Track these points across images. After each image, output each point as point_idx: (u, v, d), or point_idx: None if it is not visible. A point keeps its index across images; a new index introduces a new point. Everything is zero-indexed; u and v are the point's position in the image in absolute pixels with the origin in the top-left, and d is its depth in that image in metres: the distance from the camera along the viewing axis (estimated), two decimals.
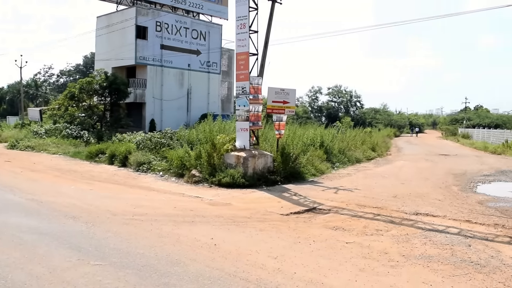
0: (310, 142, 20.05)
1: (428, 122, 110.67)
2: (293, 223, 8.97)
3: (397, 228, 8.60)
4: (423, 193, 13.11)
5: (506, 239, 7.98)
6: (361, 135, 30.85)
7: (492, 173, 18.86)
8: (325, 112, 75.35)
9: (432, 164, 23.01)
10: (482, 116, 78.90)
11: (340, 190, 13.46)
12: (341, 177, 16.67)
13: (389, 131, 62.14)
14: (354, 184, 14.84)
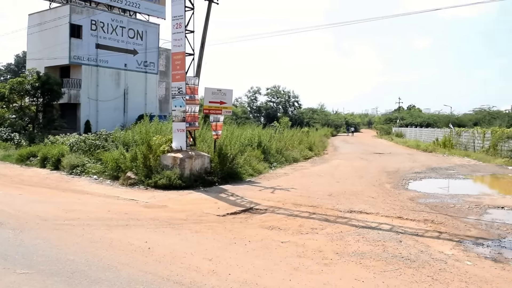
0: (248, 143, 20.13)
1: (364, 121, 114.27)
2: (229, 224, 8.94)
3: (332, 226, 8.76)
4: (357, 191, 13.47)
5: (435, 234, 8.33)
6: (298, 135, 31.31)
7: (423, 171, 19.70)
8: (264, 112, 75.90)
9: (367, 162, 23.71)
10: (415, 116, 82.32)
11: (277, 189, 13.57)
12: (278, 177, 16.83)
13: (326, 131, 63.57)
14: (291, 183, 15.03)
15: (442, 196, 12.85)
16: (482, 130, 30.14)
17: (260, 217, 9.73)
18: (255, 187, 14.08)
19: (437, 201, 12.01)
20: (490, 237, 8.21)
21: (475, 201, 11.96)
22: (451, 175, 18.60)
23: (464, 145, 32.06)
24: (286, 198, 11.95)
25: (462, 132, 33.72)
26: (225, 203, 11.23)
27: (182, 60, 14.72)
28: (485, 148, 27.72)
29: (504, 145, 25.28)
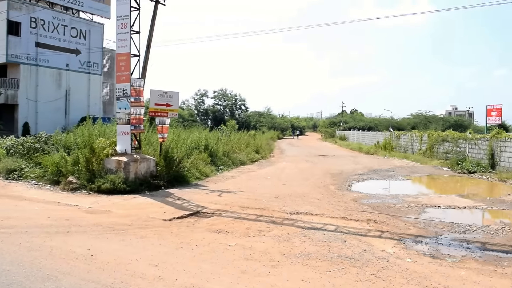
0: (195, 146, 19.96)
1: (309, 125, 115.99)
2: (176, 228, 8.81)
3: (279, 228, 8.81)
4: (303, 193, 13.64)
5: (377, 233, 8.56)
6: (245, 138, 31.41)
7: (365, 172, 20.24)
8: (211, 115, 75.63)
9: (312, 164, 24.09)
10: (357, 119, 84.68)
11: (224, 192, 13.52)
12: (225, 180, 16.79)
13: (273, 134, 64.10)
14: (238, 186, 15.02)
15: (384, 197, 13.26)
16: (420, 133, 31.33)
17: (207, 220, 9.65)
18: (202, 191, 13.97)
19: (379, 201, 12.37)
20: (428, 234, 8.54)
21: (414, 201, 12.45)
22: (391, 176, 19.21)
23: (403, 148, 33.20)
24: (233, 201, 11.93)
25: (401, 135, 34.92)
26: (171, 207, 11.06)
27: (127, 61, 14.41)
28: (423, 150, 28.84)
29: (440, 148, 26.40)
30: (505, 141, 19.75)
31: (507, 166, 19.29)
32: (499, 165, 20.03)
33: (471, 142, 22.92)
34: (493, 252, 7.40)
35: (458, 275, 6.11)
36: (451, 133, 26.05)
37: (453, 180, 18.70)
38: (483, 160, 21.22)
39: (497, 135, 20.55)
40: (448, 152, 24.79)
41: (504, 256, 7.16)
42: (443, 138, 26.24)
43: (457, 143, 24.35)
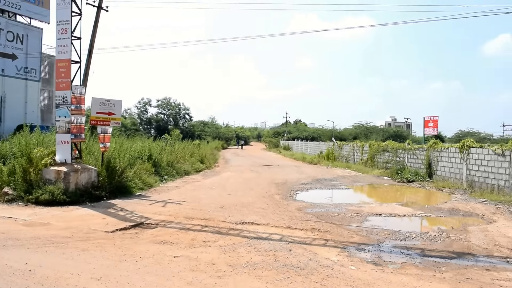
0: (138, 155, 19.58)
1: (253, 134, 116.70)
2: (119, 240, 8.58)
3: (224, 239, 8.77)
4: (248, 202, 13.67)
5: (322, 241, 8.70)
6: (189, 148, 31.17)
7: (309, 182, 20.55)
8: (154, 124, 74.45)
9: (257, 174, 24.20)
10: (301, 130, 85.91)
11: (168, 203, 13.33)
12: (169, 190, 16.57)
13: (217, 144, 63.97)
14: (183, 196, 14.87)
15: (327, 206, 13.48)
16: (361, 143, 32.20)
17: (151, 232, 9.47)
18: (145, 201, 13.71)
19: (323, 210, 12.58)
20: (370, 242, 8.77)
21: (356, 209, 12.74)
22: (334, 185, 19.60)
23: (346, 158, 34.01)
24: (178, 212, 11.78)
25: (344, 146, 35.76)
26: (114, 219, 10.77)
27: (67, 68, 13.98)
28: (364, 160, 29.63)
29: (380, 158, 27.23)
30: (441, 151, 20.60)
31: (443, 175, 20.13)
32: (436, 174, 20.86)
33: (410, 152, 23.77)
34: (432, 258, 7.70)
35: (399, 281, 6.31)
36: (391, 144, 26.90)
37: (393, 189, 19.31)
38: (421, 170, 22.03)
39: (434, 145, 21.40)
40: (388, 161, 25.59)
41: (442, 262, 7.46)
42: (383, 148, 27.06)
43: (396, 153, 25.18)
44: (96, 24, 17.78)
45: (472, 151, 18.11)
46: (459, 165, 19.03)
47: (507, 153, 15.90)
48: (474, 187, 17.39)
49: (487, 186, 16.72)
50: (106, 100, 15.53)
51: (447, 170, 19.99)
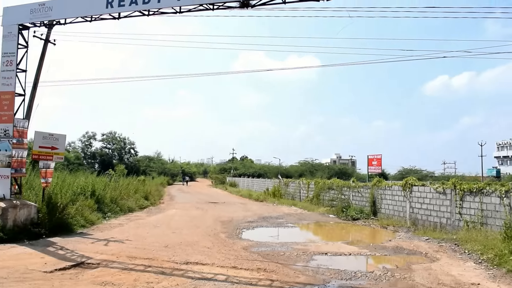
0: (81, 191, 19.05)
1: (199, 170, 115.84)
2: (57, 281, 8.28)
3: (168, 279, 8.64)
4: (193, 241, 13.54)
5: (268, 282, 8.72)
6: (134, 184, 30.68)
7: (255, 220, 20.62)
8: (99, 158, 72.55)
9: (203, 212, 24.04)
10: (247, 166, 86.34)
11: (111, 241, 13.01)
12: (112, 228, 16.18)
13: (163, 179, 63.15)
14: (126, 234, 14.55)
15: (273, 245, 13.57)
16: (307, 181, 32.67)
17: (92, 272, 9.19)
18: (87, 239, 13.32)
19: (269, 249, 12.64)
20: (316, 282, 8.88)
21: (303, 248, 12.88)
22: (280, 223, 19.75)
23: (292, 195, 34.33)
24: (121, 251, 11.51)
25: (290, 183, 36.17)
26: (53, 258, 10.39)
27: (11, 100, 13.67)
28: (310, 198, 29.98)
29: (326, 195, 27.65)
30: (385, 189, 21.20)
31: (387, 213, 20.64)
32: (380, 212, 21.36)
33: (355, 190, 24.30)
34: None
35: None
36: (336, 181, 27.41)
37: (338, 227, 19.67)
38: (366, 207, 22.46)
39: (378, 183, 22.00)
40: (333, 199, 25.98)
41: None
42: (329, 186, 27.52)
43: (341, 191, 25.64)
44: (43, 57, 17.44)
45: (415, 189, 18.70)
46: (402, 203, 19.54)
47: (448, 191, 16.54)
48: (418, 225, 17.85)
49: (430, 224, 17.24)
50: (49, 134, 15.19)
51: (391, 208, 20.51)
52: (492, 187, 14.72)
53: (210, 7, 12.80)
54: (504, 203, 13.76)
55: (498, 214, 13.96)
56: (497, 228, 13.45)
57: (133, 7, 13.25)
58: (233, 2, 12.73)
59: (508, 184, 14.43)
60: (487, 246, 11.82)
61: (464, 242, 13.29)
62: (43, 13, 14.00)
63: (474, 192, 15.18)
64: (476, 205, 15.01)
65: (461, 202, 15.74)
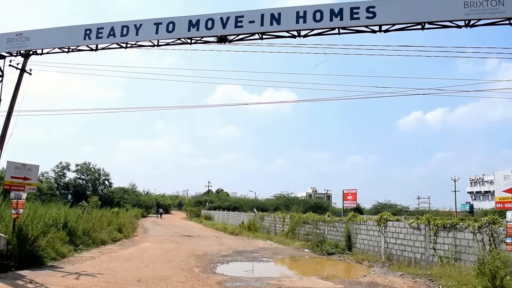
0: (53, 223, 18.65)
1: (174, 203, 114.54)
2: None
3: None
4: (166, 275, 13.36)
5: None
6: (108, 215, 30.23)
7: (230, 253, 20.46)
8: (72, 189, 71.28)
9: (177, 245, 23.75)
10: (223, 199, 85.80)
11: (82, 275, 12.76)
12: (84, 261, 15.87)
13: (137, 212, 62.29)
14: (98, 268, 14.29)
15: (248, 280, 13.48)
16: (282, 215, 32.65)
17: None
18: (57, 273, 13.03)
19: (243, 284, 12.57)
20: None
21: (277, 283, 12.81)
22: (255, 258, 19.64)
23: (267, 229, 34.20)
24: (92, 285, 11.33)
25: (265, 216, 36.09)
26: None
27: None
28: (285, 232, 29.91)
29: (301, 229, 27.60)
30: (360, 224, 21.31)
31: (362, 248, 20.68)
32: (355, 247, 21.38)
33: (330, 224, 24.35)
34: None
35: None
36: (311, 216, 27.42)
37: (313, 261, 19.64)
38: (341, 242, 22.47)
39: (353, 218, 22.10)
40: (309, 233, 25.94)
41: None
42: (304, 220, 27.52)
43: (317, 225, 25.64)
44: (18, 87, 17.33)
45: (389, 224, 18.84)
46: (377, 238, 19.63)
47: (422, 226, 16.72)
48: (392, 260, 17.92)
49: (405, 259, 17.33)
50: (22, 164, 14.99)
51: (366, 243, 20.58)
52: (466, 223, 14.98)
53: (188, 41, 13.06)
54: (477, 239, 13.96)
55: (472, 250, 14.15)
56: (470, 264, 13.60)
57: (111, 39, 13.41)
58: (210, 37, 13.03)
59: (481, 219, 14.69)
60: (461, 282, 11.97)
61: (438, 277, 13.41)
62: (19, 43, 14.06)
63: (448, 228, 15.38)
64: (449, 241, 15.20)
65: (435, 238, 15.92)
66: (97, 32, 13.56)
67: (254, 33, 13.00)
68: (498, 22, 11.88)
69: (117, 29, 13.38)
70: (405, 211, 70.30)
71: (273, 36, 13.28)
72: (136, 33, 13.19)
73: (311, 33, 13.06)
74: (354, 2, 12.52)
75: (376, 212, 43.29)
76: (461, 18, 11.85)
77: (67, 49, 14.11)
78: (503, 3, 11.39)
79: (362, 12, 12.33)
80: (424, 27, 12.30)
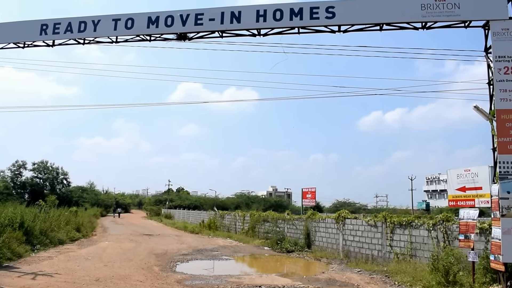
0: (8, 223, 18.22)
1: (134, 202, 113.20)
2: None
3: None
4: (125, 275, 13.33)
5: None
6: (66, 215, 29.68)
7: (190, 252, 20.53)
8: (29, 188, 69.23)
9: (136, 244, 23.63)
10: (183, 198, 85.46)
11: (39, 275, 12.58)
12: (41, 261, 15.63)
13: (96, 211, 61.37)
14: (55, 268, 14.13)
15: (207, 278, 13.61)
16: (243, 213, 32.86)
17: None
18: (13, 273, 12.81)
19: (203, 282, 12.69)
20: None
21: (237, 281, 12.97)
22: (215, 256, 19.79)
23: (227, 227, 34.36)
24: (49, 285, 11.21)
25: (225, 215, 36.27)
26: None
27: None
28: (245, 230, 30.15)
29: (261, 227, 27.85)
30: (319, 222, 21.67)
31: (321, 245, 21.04)
32: (314, 244, 21.75)
33: (289, 222, 24.68)
34: None
35: None
36: (271, 214, 27.70)
37: (273, 259, 19.91)
38: (300, 240, 22.80)
39: (312, 216, 22.47)
40: (268, 231, 26.14)
41: None
42: (264, 218, 27.78)
43: (276, 223, 25.93)
44: None
45: (348, 222, 19.22)
46: (335, 235, 20.00)
47: (379, 224, 17.14)
48: (350, 257, 18.29)
49: (362, 256, 17.73)
50: None
51: (324, 240, 20.93)
52: (421, 221, 15.37)
53: (147, 38, 13.06)
54: (432, 236, 14.39)
55: (426, 247, 14.54)
56: (425, 260, 13.96)
57: (68, 35, 13.26)
58: (170, 34, 13.04)
59: (435, 217, 15.14)
60: (415, 278, 12.32)
61: (394, 273, 13.74)
62: None
63: (404, 225, 15.79)
64: (405, 238, 15.61)
65: (391, 235, 16.35)
66: (53, 28, 13.34)
67: (214, 31, 13.07)
68: (454, 25, 12.18)
69: (75, 25, 13.22)
70: (363, 209, 71.72)
71: (233, 34, 13.38)
72: (94, 29, 13.07)
73: (271, 32, 13.20)
74: (314, 2, 12.56)
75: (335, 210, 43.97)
76: (418, 20, 12.02)
77: (23, 44, 13.85)
78: (458, 6, 11.65)
79: (321, 12, 12.41)
80: (382, 28, 12.50)
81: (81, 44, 13.59)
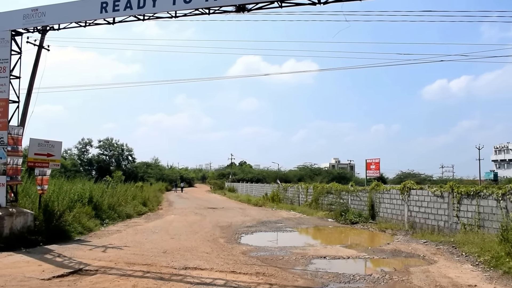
0: (78, 198, 18.86)
1: (198, 176, 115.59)
2: None
3: (167, 285, 8.55)
4: (192, 247, 13.42)
5: (266, 286, 8.64)
6: (132, 190, 30.55)
7: (254, 224, 20.50)
8: (95, 165, 72.21)
9: (201, 217, 23.91)
10: (246, 171, 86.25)
11: (109, 248, 12.88)
12: (110, 234, 16.04)
13: (161, 185, 62.96)
14: (124, 241, 14.43)
15: (272, 249, 13.48)
16: (306, 185, 32.59)
17: (90, 278, 9.08)
18: (85, 246, 13.18)
19: (268, 254, 12.55)
20: (315, 285, 8.80)
21: (301, 252, 12.79)
22: (279, 228, 19.66)
23: (290, 199, 34.23)
24: (119, 257, 11.39)
25: (288, 187, 36.06)
26: (50, 265, 10.26)
27: (4, 107, 13.54)
28: (309, 202, 29.87)
29: (324, 199, 27.56)
30: (383, 193, 21.14)
31: (386, 217, 20.56)
32: (378, 216, 21.27)
33: (353, 194, 24.23)
34: None
35: None
36: (334, 186, 27.26)
37: (337, 230, 19.58)
38: (364, 211, 22.40)
39: (376, 187, 21.93)
40: (332, 203, 25.90)
41: None
42: (327, 190, 27.42)
43: (340, 195, 25.55)
44: (37, 63, 17.41)
45: (413, 192, 18.61)
46: (400, 206, 19.47)
47: (445, 194, 16.47)
48: (416, 228, 17.78)
49: (428, 227, 17.15)
50: (45, 141, 15.06)
51: (389, 212, 20.43)
52: (489, 190, 14.65)
53: (206, 11, 12.73)
54: (501, 206, 13.69)
55: (495, 217, 13.89)
56: (493, 231, 13.37)
57: (128, 12, 13.15)
58: (229, 6, 12.66)
59: (504, 187, 14.34)
60: (484, 249, 11.75)
61: (462, 244, 13.23)
62: (36, 19, 13.86)
63: (471, 195, 15.11)
64: (473, 208, 14.95)
65: (458, 205, 15.68)
66: (113, 5, 13.30)
67: (274, 1, 12.58)
68: None
69: (134, 2, 13.11)
70: (428, 180, 69.67)
71: (292, 3, 12.80)
72: (153, 5, 12.90)
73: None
74: None
75: (400, 181, 42.85)
76: None
77: (84, 23, 13.92)
78: None
79: None
80: None
81: (141, 20, 13.47)
